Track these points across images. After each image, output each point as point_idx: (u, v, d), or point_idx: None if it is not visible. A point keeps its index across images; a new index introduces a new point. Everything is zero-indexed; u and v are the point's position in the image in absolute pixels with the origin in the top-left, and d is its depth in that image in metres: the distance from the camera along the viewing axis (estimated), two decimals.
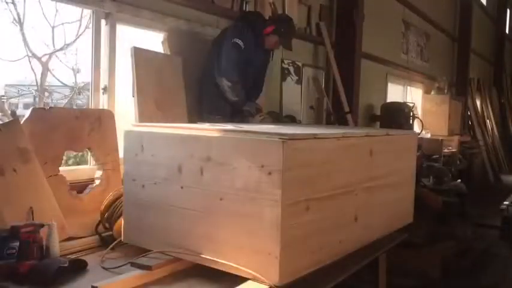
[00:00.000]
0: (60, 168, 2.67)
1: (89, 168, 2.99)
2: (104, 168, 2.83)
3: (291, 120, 4.79)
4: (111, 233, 2.53)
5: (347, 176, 2.33)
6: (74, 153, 3.31)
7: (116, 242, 2.41)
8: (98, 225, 2.54)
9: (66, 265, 2.05)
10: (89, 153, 2.93)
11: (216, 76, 3.48)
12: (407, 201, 3.14)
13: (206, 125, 2.39)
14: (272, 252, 1.89)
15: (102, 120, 2.84)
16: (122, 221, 2.45)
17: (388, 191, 2.77)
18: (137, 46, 3.15)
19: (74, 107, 4.01)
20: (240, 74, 3.51)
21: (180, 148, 2.18)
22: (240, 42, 3.42)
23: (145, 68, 3.15)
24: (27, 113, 2.56)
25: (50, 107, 2.80)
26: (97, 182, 2.81)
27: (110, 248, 2.36)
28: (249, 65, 3.64)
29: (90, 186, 2.81)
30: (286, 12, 4.74)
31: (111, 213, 2.50)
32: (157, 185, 2.26)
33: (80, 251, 2.40)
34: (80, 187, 2.81)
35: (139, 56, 3.14)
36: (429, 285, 4.30)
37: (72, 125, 2.69)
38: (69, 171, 2.90)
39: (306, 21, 5.30)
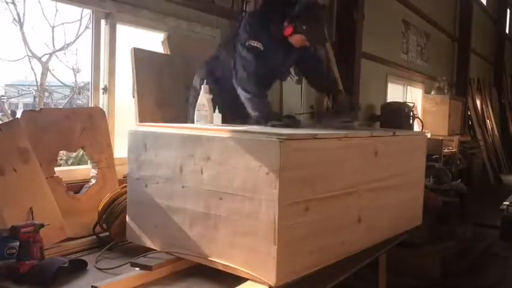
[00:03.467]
0: (57, 169, 2.66)
1: (86, 168, 2.99)
2: (98, 166, 2.82)
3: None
4: (108, 233, 2.53)
5: (350, 176, 2.32)
6: (70, 153, 3.31)
7: (112, 243, 2.41)
8: (95, 225, 2.53)
9: (66, 265, 2.06)
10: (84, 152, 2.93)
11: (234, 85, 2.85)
12: (416, 203, 3.11)
13: (207, 125, 2.39)
14: (269, 252, 1.89)
15: (93, 118, 2.83)
16: (119, 222, 2.45)
17: (395, 192, 2.74)
18: (137, 47, 3.15)
19: (74, 107, 4.02)
20: (263, 84, 2.89)
21: (181, 148, 2.19)
22: (257, 44, 2.75)
23: (145, 69, 3.15)
24: (17, 115, 2.55)
25: (40, 109, 2.79)
26: (93, 180, 2.81)
27: (106, 248, 2.36)
28: (275, 73, 3.06)
29: (86, 185, 2.80)
30: None
31: (108, 214, 2.49)
32: (160, 184, 2.27)
33: (79, 251, 2.40)
34: (78, 187, 2.80)
35: (139, 56, 3.14)
36: (429, 285, 4.30)
37: (64, 125, 2.68)
38: (66, 171, 2.90)
39: None
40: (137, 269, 2.07)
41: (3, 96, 4.32)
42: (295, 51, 2.95)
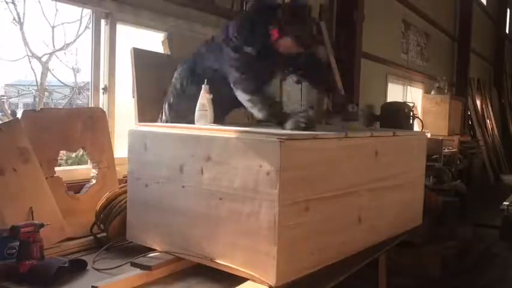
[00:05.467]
0: (57, 169, 2.66)
1: (86, 168, 2.99)
2: (99, 166, 2.82)
3: None
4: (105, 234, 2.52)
5: (350, 176, 2.32)
6: (70, 153, 3.31)
7: (109, 244, 2.40)
8: (93, 226, 2.53)
9: (66, 265, 2.05)
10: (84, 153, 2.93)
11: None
12: (416, 203, 3.10)
13: (208, 125, 2.38)
14: (269, 252, 1.88)
15: (94, 118, 2.83)
16: (116, 222, 2.45)
17: (395, 192, 2.74)
18: (136, 47, 3.15)
19: (74, 107, 4.01)
20: (261, 82, 2.69)
21: (181, 148, 2.19)
22: (249, 50, 2.59)
23: (145, 69, 3.15)
24: (17, 115, 2.55)
25: (41, 109, 2.79)
26: (93, 180, 2.81)
27: (103, 249, 2.35)
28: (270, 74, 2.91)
29: (86, 185, 2.80)
30: None
31: (106, 215, 2.48)
32: (160, 184, 2.27)
33: (79, 251, 2.40)
34: (78, 187, 2.80)
35: (139, 56, 3.14)
36: (429, 285, 4.30)
37: (64, 125, 2.68)
38: (66, 171, 2.90)
39: None
40: (137, 269, 2.07)
41: (3, 96, 4.32)
42: (289, 56, 2.76)
